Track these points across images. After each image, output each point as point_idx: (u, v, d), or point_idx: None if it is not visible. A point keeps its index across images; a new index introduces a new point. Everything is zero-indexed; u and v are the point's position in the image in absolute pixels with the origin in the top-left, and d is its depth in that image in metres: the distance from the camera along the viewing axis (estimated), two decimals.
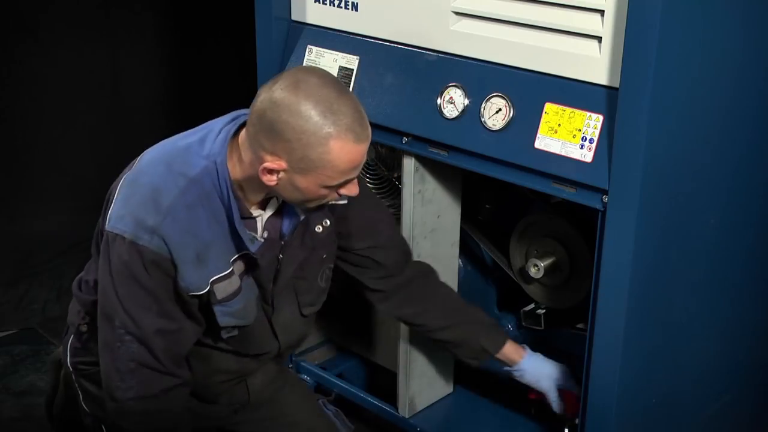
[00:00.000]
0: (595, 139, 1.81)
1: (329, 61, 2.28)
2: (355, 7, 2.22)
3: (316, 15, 2.32)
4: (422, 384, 2.44)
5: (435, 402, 2.50)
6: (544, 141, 1.88)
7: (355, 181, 1.73)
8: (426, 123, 2.08)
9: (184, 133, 1.80)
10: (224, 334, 1.85)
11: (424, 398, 2.47)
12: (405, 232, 2.25)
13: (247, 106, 1.80)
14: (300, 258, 1.88)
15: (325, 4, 2.28)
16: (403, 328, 2.34)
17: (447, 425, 2.46)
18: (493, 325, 2.18)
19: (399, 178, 2.28)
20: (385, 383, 2.53)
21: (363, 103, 2.17)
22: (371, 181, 2.45)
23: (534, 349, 2.46)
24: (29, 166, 3.89)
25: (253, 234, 1.76)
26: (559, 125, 1.86)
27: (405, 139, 2.14)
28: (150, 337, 1.71)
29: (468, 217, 2.44)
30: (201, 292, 1.73)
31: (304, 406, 2.19)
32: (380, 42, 2.19)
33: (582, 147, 1.82)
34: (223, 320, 1.80)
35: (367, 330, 2.58)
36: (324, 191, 1.69)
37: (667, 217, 1.85)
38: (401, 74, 2.14)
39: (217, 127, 1.75)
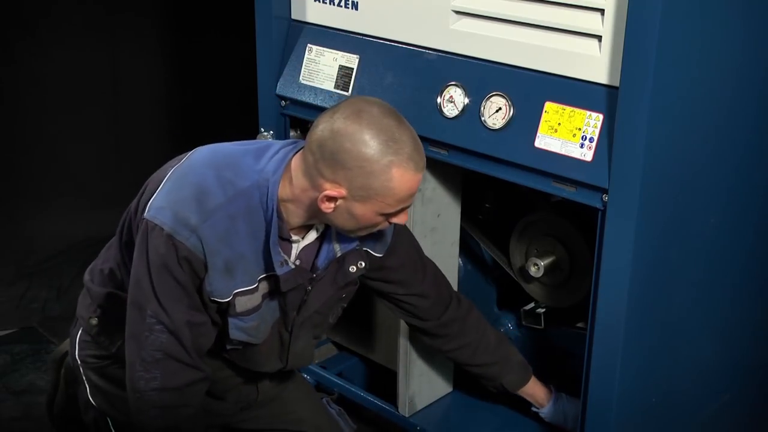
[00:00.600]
0: (595, 138, 1.81)
1: (329, 60, 2.28)
2: (355, 6, 2.23)
3: (316, 14, 2.32)
4: (422, 383, 2.44)
5: (435, 401, 2.50)
6: (544, 140, 1.88)
7: (407, 210, 1.75)
8: (426, 122, 2.08)
9: (239, 142, 1.81)
10: (228, 345, 1.87)
11: (423, 397, 2.47)
12: None
13: (247, 106, 1.80)
14: (328, 294, 1.90)
15: (325, 3, 2.28)
16: (403, 328, 2.34)
17: (447, 424, 2.46)
18: (518, 364, 2.23)
19: None
20: (385, 382, 2.53)
21: None
22: None
23: (534, 348, 2.47)
24: (29, 166, 3.89)
25: (286, 257, 1.76)
26: (559, 124, 1.86)
27: None
28: (180, 328, 1.73)
29: (468, 216, 2.44)
30: (222, 300, 1.75)
31: (309, 404, 2.20)
32: (380, 41, 2.19)
33: (582, 146, 1.82)
34: (233, 333, 1.82)
35: (367, 329, 2.58)
36: (379, 219, 1.71)
37: (667, 216, 1.85)
38: (401, 73, 2.14)
39: (276, 146, 1.77)
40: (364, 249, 1.90)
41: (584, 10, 1.81)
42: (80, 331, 1.98)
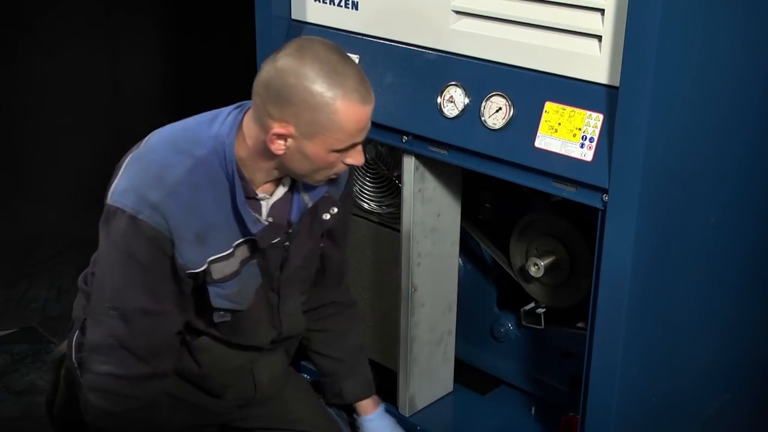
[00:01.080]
0: (596, 138, 1.81)
1: None
2: (355, 6, 2.23)
3: (316, 14, 2.32)
4: (422, 383, 2.44)
5: (435, 401, 2.50)
6: (544, 140, 1.88)
7: (361, 149, 1.74)
8: (426, 122, 2.08)
9: (193, 117, 1.82)
10: (216, 318, 1.86)
11: (424, 397, 2.47)
12: (405, 231, 2.25)
13: None
14: (308, 246, 1.90)
15: (325, 2, 2.28)
16: (404, 328, 2.34)
17: (447, 424, 2.46)
18: (365, 378, 2.21)
19: (399, 177, 2.28)
20: (385, 382, 2.53)
21: None
22: (371, 180, 2.45)
23: (534, 348, 2.47)
24: (29, 165, 3.89)
25: (257, 216, 1.77)
26: (559, 124, 1.86)
27: (405, 138, 2.15)
28: (132, 315, 1.73)
29: (468, 216, 2.44)
30: (197, 270, 1.75)
31: (308, 403, 2.20)
32: (380, 41, 2.19)
33: (582, 146, 1.82)
34: (216, 301, 1.81)
35: (367, 329, 2.58)
36: (332, 156, 1.70)
37: (667, 216, 1.85)
38: (401, 73, 2.14)
39: (225, 111, 1.78)
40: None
41: (584, 10, 1.81)
42: (77, 333, 1.98)
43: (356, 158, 1.75)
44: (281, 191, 1.83)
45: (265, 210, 1.81)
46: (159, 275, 1.73)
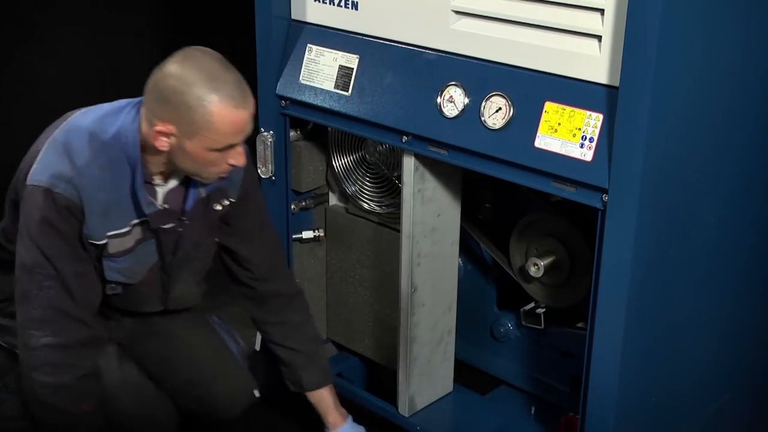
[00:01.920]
0: (595, 138, 1.81)
1: (329, 60, 2.28)
2: (355, 6, 2.23)
3: (316, 14, 2.32)
4: (422, 383, 2.44)
5: (435, 401, 2.50)
6: (544, 140, 1.88)
7: (241, 150, 1.86)
8: (426, 122, 2.08)
9: (108, 104, 1.97)
10: (108, 290, 2.00)
11: (424, 397, 2.47)
12: (405, 231, 2.25)
13: None
14: (202, 235, 2.05)
15: (325, 3, 2.28)
16: (403, 327, 2.34)
17: (447, 424, 2.46)
18: (322, 368, 2.29)
19: (399, 177, 2.28)
20: (385, 382, 2.53)
21: (363, 102, 2.19)
22: (371, 180, 2.45)
23: (534, 348, 2.47)
24: None
25: (152, 199, 1.92)
26: (559, 124, 1.86)
27: (405, 138, 2.15)
28: (69, 279, 1.86)
29: (468, 216, 2.44)
30: (98, 242, 1.89)
31: (197, 330, 2.29)
32: (380, 41, 2.19)
33: (582, 146, 1.83)
34: (108, 274, 1.96)
35: (367, 329, 2.58)
36: (212, 155, 1.83)
37: (666, 216, 1.85)
38: (401, 73, 2.14)
39: (132, 103, 1.93)
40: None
41: (584, 10, 1.81)
42: None
43: (237, 159, 1.87)
44: (175, 182, 1.96)
45: (160, 196, 1.95)
46: (77, 240, 1.87)
